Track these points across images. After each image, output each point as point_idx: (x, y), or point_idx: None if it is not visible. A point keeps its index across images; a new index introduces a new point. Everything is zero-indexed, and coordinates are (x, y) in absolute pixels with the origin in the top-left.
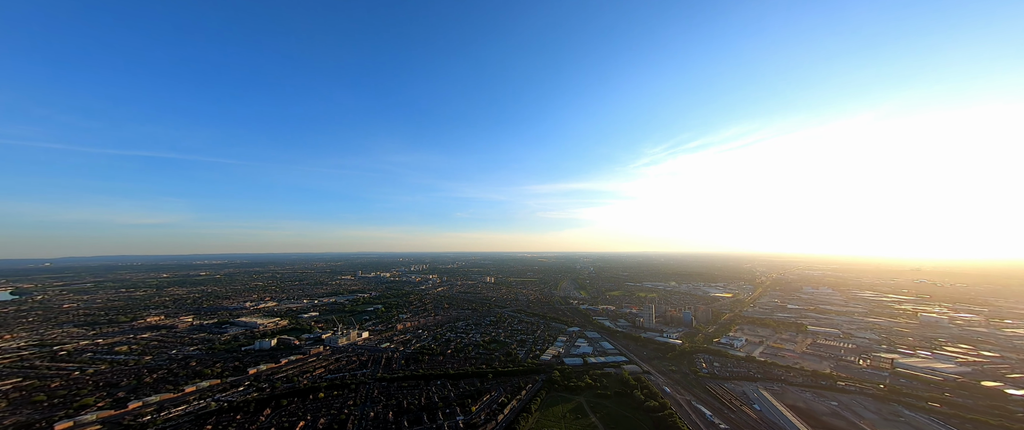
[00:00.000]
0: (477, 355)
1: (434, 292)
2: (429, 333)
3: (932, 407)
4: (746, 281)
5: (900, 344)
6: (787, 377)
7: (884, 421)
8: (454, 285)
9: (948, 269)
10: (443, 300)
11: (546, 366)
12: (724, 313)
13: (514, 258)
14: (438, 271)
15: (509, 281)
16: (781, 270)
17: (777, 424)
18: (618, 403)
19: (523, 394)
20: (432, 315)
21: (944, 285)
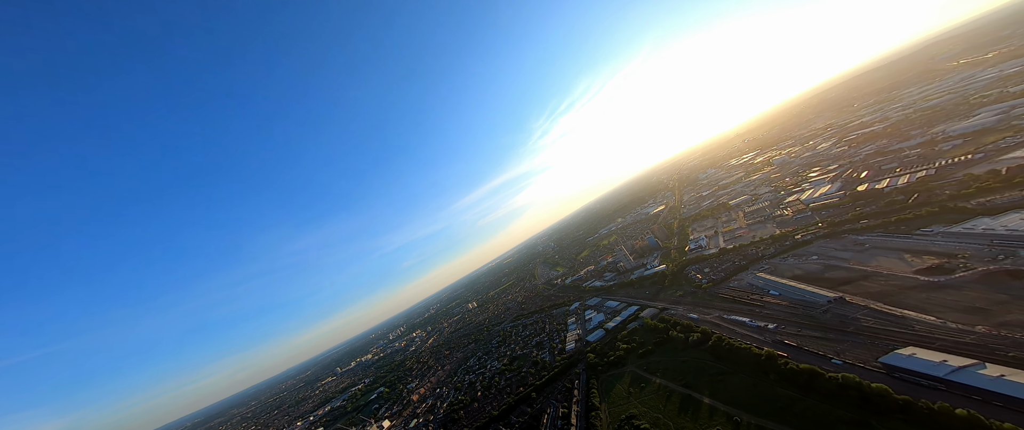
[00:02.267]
0: (508, 381)
1: (428, 346)
2: (448, 387)
3: (863, 225)
4: (665, 190)
5: (786, 186)
6: (760, 253)
7: (855, 253)
8: (442, 330)
9: (754, 122)
10: (441, 349)
11: (577, 355)
12: (672, 222)
13: (481, 273)
14: (418, 325)
15: (490, 296)
16: (676, 170)
17: (804, 300)
18: (664, 353)
19: (577, 394)
20: (440, 369)
21: (760, 135)
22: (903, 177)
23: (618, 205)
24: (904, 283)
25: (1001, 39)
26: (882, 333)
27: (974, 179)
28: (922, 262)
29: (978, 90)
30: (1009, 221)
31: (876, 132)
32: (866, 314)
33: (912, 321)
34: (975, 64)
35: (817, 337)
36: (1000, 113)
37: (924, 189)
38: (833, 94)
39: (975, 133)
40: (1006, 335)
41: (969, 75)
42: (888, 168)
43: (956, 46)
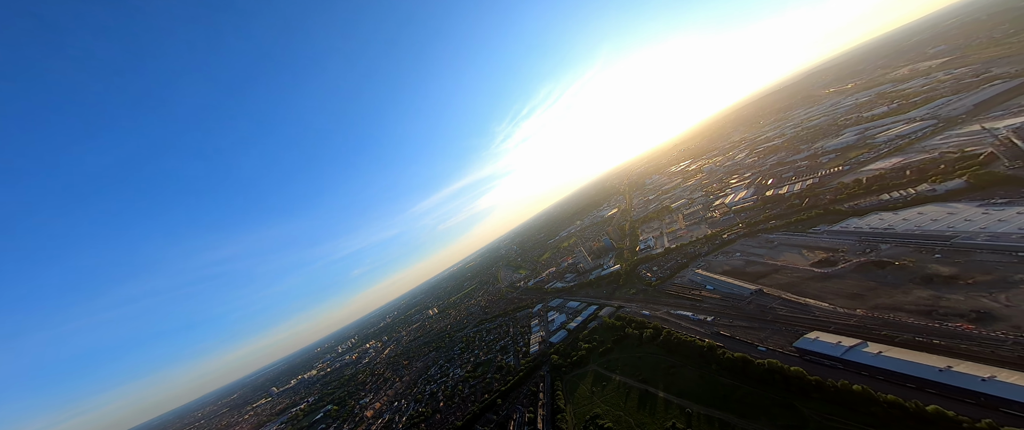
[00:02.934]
0: (472, 389)
1: (383, 357)
2: (407, 399)
3: (772, 225)
4: (617, 194)
5: (714, 191)
6: (697, 251)
7: (768, 249)
8: (399, 339)
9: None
10: (399, 359)
11: (542, 357)
12: (624, 224)
13: (443, 278)
14: (372, 336)
15: (452, 301)
16: (627, 175)
17: (733, 294)
18: (622, 350)
19: (542, 397)
20: (398, 380)
21: (693, 145)
22: (797, 184)
23: (577, 208)
24: (804, 275)
25: (857, 73)
26: (793, 320)
27: (845, 187)
28: (814, 256)
29: (843, 114)
30: (871, 221)
31: (777, 146)
32: (779, 304)
33: (813, 308)
34: (840, 92)
35: (745, 326)
36: (858, 133)
37: (812, 194)
38: (747, 111)
39: (842, 149)
40: (878, 316)
41: (837, 102)
42: (787, 177)
43: (828, 76)
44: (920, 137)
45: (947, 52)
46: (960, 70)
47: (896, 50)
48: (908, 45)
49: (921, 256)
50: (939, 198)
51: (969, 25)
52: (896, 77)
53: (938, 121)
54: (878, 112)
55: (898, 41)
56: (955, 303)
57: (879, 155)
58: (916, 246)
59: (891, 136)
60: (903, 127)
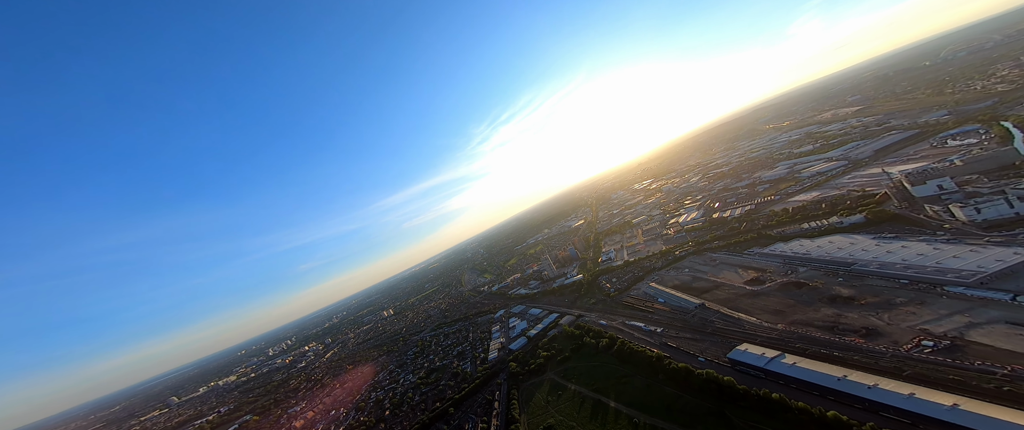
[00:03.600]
0: (423, 397)
1: (324, 361)
2: (348, 407)
3: (716, 244)
4: (585, 206)
5: (670, 210)
6: (652, 266)
7: (711, 267)
8: (346, 341)
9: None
10: (342, 363)
11: (500, 364)
12: (589, 236)
13: (403, 279)
14: (314, 337)
15: (410, 303)
16: (597, 189)
17: (680, 307)
18: (579, 358)
19: (497, 406)
20: (339, 387)
21: (655, 165)
22: (738, 209)
23: (546, 216)
24: (738, 292)
25: (793, 113)
26: (728, 333)
27: (775, 215)
28: (748, 275)
29: (778, 149)
30: (793, 246)
31: (724, 173)
32: (718, 317)
33: (744, 322)
34: (777, 129)
35: (688, 338)
36: (789, 167)
37: (749, 219)
38: (703, 138)
39: (775, 181)
40: (794, 330)
41: (775, 137)
42: (730, 202)
43: (770, 113)
44: (834, 175)
45: (860, 102)
46: (868, 119)
47: (825, 95)
48: (834, 92)
49: (828, 279)
50: (844, 230)
51: (879, 80)
52: (821, 119)
53: (848, 162)
54: (805, 150)
55: (828, 87)
56: (851, 320)
57: (803, 188)
58: (825, 270)
59: (813, 172)
60: (823, 165)
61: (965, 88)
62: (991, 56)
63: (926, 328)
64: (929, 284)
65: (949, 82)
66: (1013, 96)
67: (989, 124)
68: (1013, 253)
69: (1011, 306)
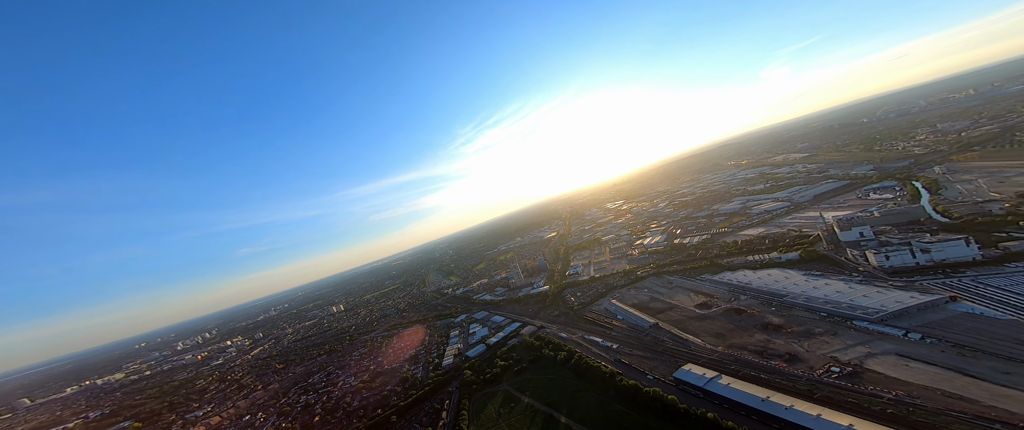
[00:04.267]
0: (363, 403)
1: (248, 358)
2: (269, 412)
3: (674, 268)
4: (558, 219)
5: (637, 232)
6: (615, 283)
7: (667, 289)
8: (281, 336)
9: (628, 176)
10: (272, 362)
11: (454, 371)
12: (560, 249)
13: (362, 273)
14: (241, 330)
15: (365, 299)
16: (572, 204)
17: (637, 325)
18: (536, 370)
19: (445, 416)
20: (261, 388)
21: (628, 188)
22: (697, 237)
23: (520, 225)
24: (689, 314)
25: (752, 153)
26: (676, 352)
27: (727, 245)
28: (698, 299)
29: (735, 185)
30: (738, 276)
31: (688, 202)
32: (669, 337)
33: (691, 343)
34: (737, 166)
35: (641, 355)
36: (743, 203)
37: (705, 248)
38: (674, 167)
39: (730, 214)
40: (732, 354)
41: (734, 173)
42: (690, 230)
43: (733, 151)
44: (779, 214)
45: (808, 149)
46: (811, 166)
47: (780, 139)
48: (788, 137)
49: (764, 308)
50: (782, 264)
51: (826, 130)
52: (774, 161)
53: (791, 204)
54: (757, 188)
55: (785, 131)
56: (778, 346)
57: (752, 223)
58: (762, 299)
59: (762, 210)
60: (770, 204)
61: (890, 147)
62: (915, 120)
63: (835, 356)
64: (842, 318)
65: (878, 140)
66: (926, 159)
67: (904, 182)
68: (909, 296)
69: (902, 340)
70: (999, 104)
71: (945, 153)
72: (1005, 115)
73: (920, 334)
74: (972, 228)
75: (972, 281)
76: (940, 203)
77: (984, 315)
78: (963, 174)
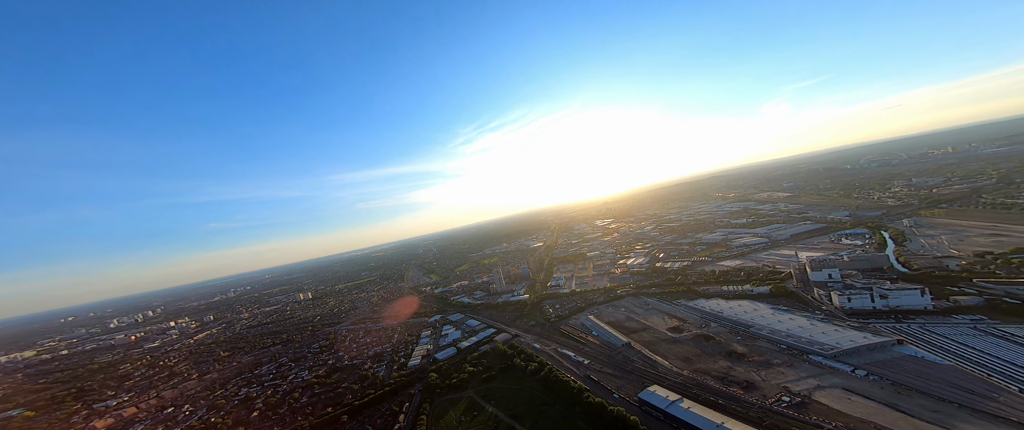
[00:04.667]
0: (314, 399)
1: (190, 343)
2: (200, 405)
3: (652, 291)
4: (547, 230)
5: (622, 251)
6: (595, 300)
7: (643, 310)
8: (236, 321)
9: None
10: (216, 348)
11: (420, 373)
12: (545, 259)
13: (339, 261)
14: (190, 312)
15: (338, 289)
16: (562, 216)
17: (610, 343)
18: (505, 379)
19: (401, 420)
20: (196, 377)
21: (618, 208)
22: (678, 263)
23: (508, 231)
24: (661, 337)
25: (739, 187)
26: (644, 373)
27: (705, 274)
28: (671, 323)
29: (720, 216)
30: (712, 304)
31: (674, 228)
32: (639, 357)
33: (659, 365)
34: (724, 198)
35: (610, 373)
36: (725, 235)
37: (684, 274)
38: (665, 192)
39: (711, 244)
40: (696, 378)
41: (720, 205)
42: (673, 255)
43: (722, 183)
44: (756, 249)
45: (792, 189)
46: (792, 206)
47: (768, 176)
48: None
49: (730, 336)
50: (753, 297)
51: (810, 173)
52: (759, 198)
53: (768, 241)
54: (740, 222)
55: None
56: (738, 374)
57: (731, 255)
58: (730, 328)
59: (741, 243)
60: (750, 238)
61: (866, 196)
62: (893, 172)
63: (788, 386)
64: (800, 351)
65: (857, 188)
66: (897, 211)
67: (874, 231)
68: (862, 337)
69: (849, 376)
70: (972, 165)
71: (915, 207)
72: (975, 176)
73: (866, 371)
74: (928, 280)
75: (920, 328)
76: (903, 254)
77: (925, 359)
78: (928, 229)
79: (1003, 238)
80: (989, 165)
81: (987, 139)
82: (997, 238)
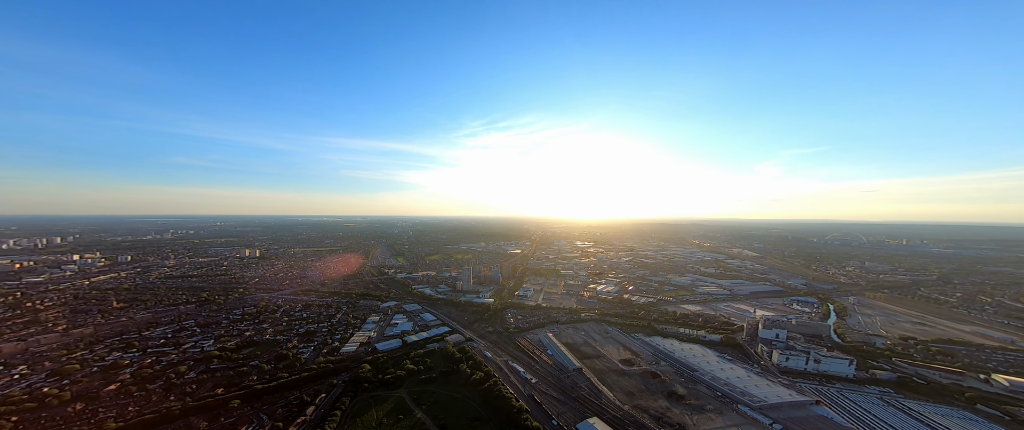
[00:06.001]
0: (205, 375)
1: (77, 285)
2: (38, 367)
3: (614, 321)
4: (527, 239)
5: (594, 276)
6: (558, 318)
7: (602, 337)
8: (155, 268)
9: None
10: (112, 296)
11: (350, 360)
12: (518, 267)
13: (305, 223)
14: (106, 247)
15: (292, 252)
16: (544, 229)
17: (562, 364)
18: (445, 384)
19: (309, 413)
20: (58, 329)
21: (600, 233)
22: (644, 299)
23: (489, 231)
24: (612, 367)
25: (714, 238)
26: (588, 402)
27: (666, 314)
28: (624, 355)
29: (692, 263)
30: (666, 343)
31: (648, 264)
32: (587, 385)
33: (604, 396)
34: (699, 247)
35: (555, 397)
36: (693, 280)
37: (648, 309)
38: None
39: (679, 287)
40: (634, 414)
41: (693, 252)
42: (642, 290)
43: (700, 231)
44: (717, 299)
45: (760, 251)
46: (758, 267)
47: (741, 234)
48: (748, 234)
49: (675, 376)
50: (704, 343)
51: (780, 238)
52: (730, 252)
53: (730, 294)
54: (709, 271)
55: (747, 228)
56: (674, 415)
57: (694, 300)
58: (677, 369)
59: (705, 291)
60: (714, 288)
61: (823, 270)
62: (851, 253)
63: None
64: (731, 400)
65: (817, 261)
66: (846, 288)
67: (823, 302)
68: (788, 393)
69: (767, 428)
70: (918, 259)
71: (862, 288)
72: (919, 270)
73: (781, 426)
74: (857, 353)
75: (837, 392)
76: (841, 327)
77: (833, 420)
78: (867, 309)
79: (928, 327)
80: (932, 262)
81: (938, 239)
82: (922, 327)
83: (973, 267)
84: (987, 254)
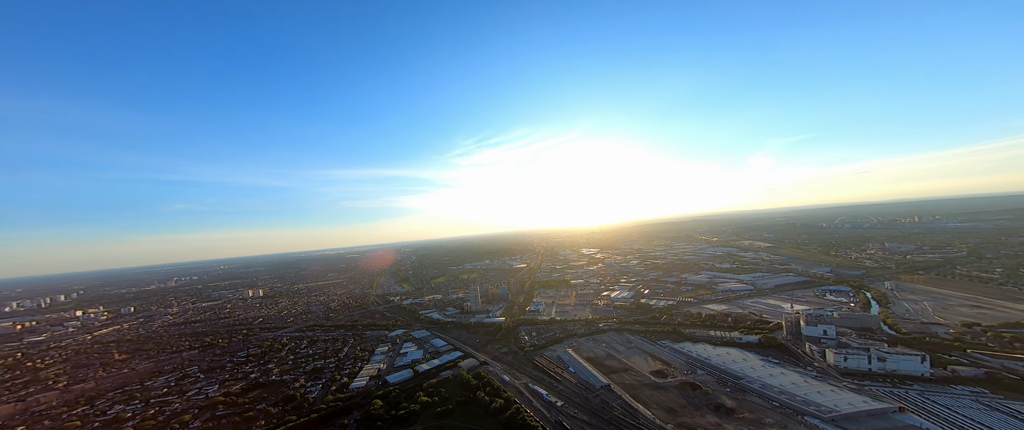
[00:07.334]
0: (210, 423)
1: (79, 341)
2: (39, 426)
3: (636, 328)
4: (532, 252)
5: (606, 283)
6: (574, 331)
7: (626, 348)
8: (158, 316)
9: (609, 227)
10: (114, 348)
11: (360, 397)
12: (526, 281)
13: (308, 258)
14: (110, 300)
15: (295, 289)
16: (548, 241)
17: (588, 382)
18: (463, 416)
19: None
20: (59, 387)
21: (606, 239)
22: (663, 301)
23: (492, 248)
24: (643, 380)
25: (722, 232)
26: (623, 423)
27: (691, 316)
28: (654, 365)
29: (704, 259)
30: (698, 348)
31: (659, 265)
32: (619, 403)
33: (640, 415)
34: (708, 242)
35: (585, 421)
36: (710, 277)
37: (669, 313)
38: (651, 229)
39: (697, 286)
40: None
41: (703, 248)
42: (657, 292)
43: (703, 227)
44: (742, 296)
45: (772, 240)
46: (774, 257)
47: (747, 226)
48: (754, 224)
49: (719, 387)
50: (741, 345)
51: (788, 226)
52: (741, 245)
53: (753, 289)
54: (724, 267)
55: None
56: None
57: (716, 299)
58: (718, 378)
59: (726, 288)
60: (735, 284)
61: (845, 255)
62: (866, 235)
63: None
64: (794, 411)
65: (835, 246)
66: (875, 273)
67: (857, 290)
68: (862, 400)
69: None
70: (938, 236)
71: (893, 271)
72: (945, 247)
73: None
74: (921, 345)
75: (919, 395)
76: (889, 316)
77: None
78: (909, 293)
79: (986, 311)
80: (955, 238)
81: (948, 213)
82: (980, 310)
83: (999, 239)
84: (1007, 225)
